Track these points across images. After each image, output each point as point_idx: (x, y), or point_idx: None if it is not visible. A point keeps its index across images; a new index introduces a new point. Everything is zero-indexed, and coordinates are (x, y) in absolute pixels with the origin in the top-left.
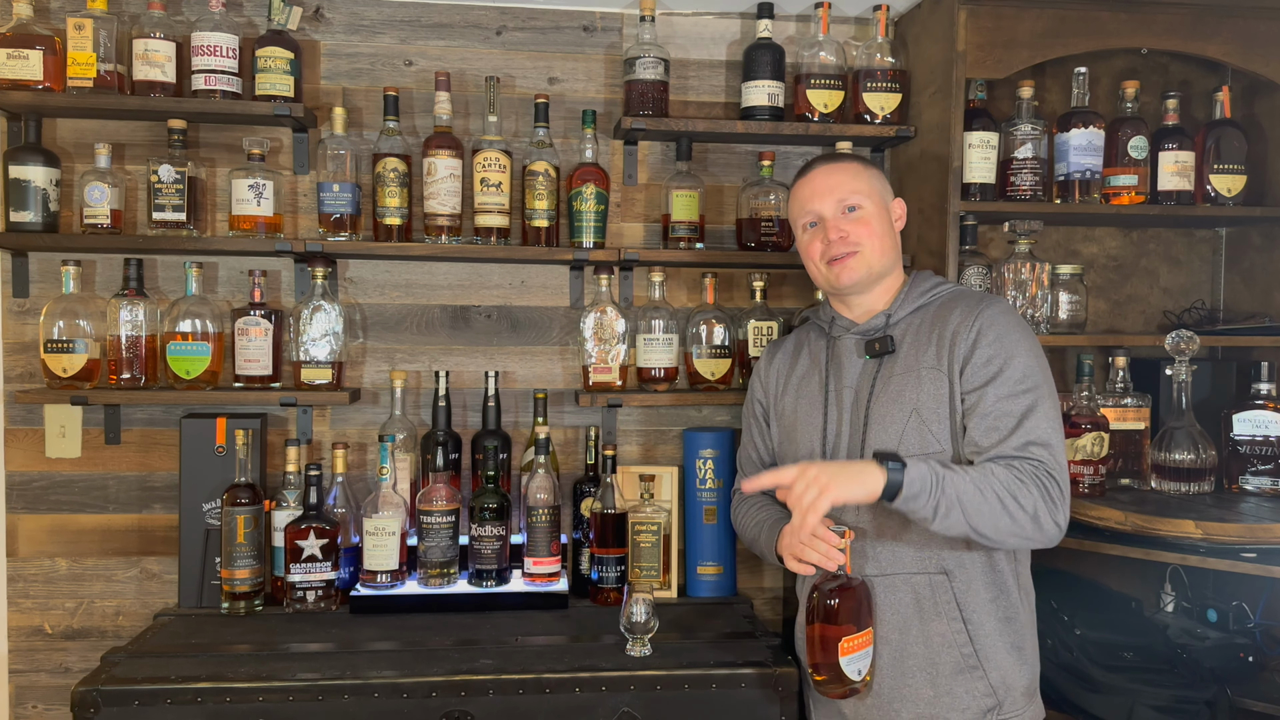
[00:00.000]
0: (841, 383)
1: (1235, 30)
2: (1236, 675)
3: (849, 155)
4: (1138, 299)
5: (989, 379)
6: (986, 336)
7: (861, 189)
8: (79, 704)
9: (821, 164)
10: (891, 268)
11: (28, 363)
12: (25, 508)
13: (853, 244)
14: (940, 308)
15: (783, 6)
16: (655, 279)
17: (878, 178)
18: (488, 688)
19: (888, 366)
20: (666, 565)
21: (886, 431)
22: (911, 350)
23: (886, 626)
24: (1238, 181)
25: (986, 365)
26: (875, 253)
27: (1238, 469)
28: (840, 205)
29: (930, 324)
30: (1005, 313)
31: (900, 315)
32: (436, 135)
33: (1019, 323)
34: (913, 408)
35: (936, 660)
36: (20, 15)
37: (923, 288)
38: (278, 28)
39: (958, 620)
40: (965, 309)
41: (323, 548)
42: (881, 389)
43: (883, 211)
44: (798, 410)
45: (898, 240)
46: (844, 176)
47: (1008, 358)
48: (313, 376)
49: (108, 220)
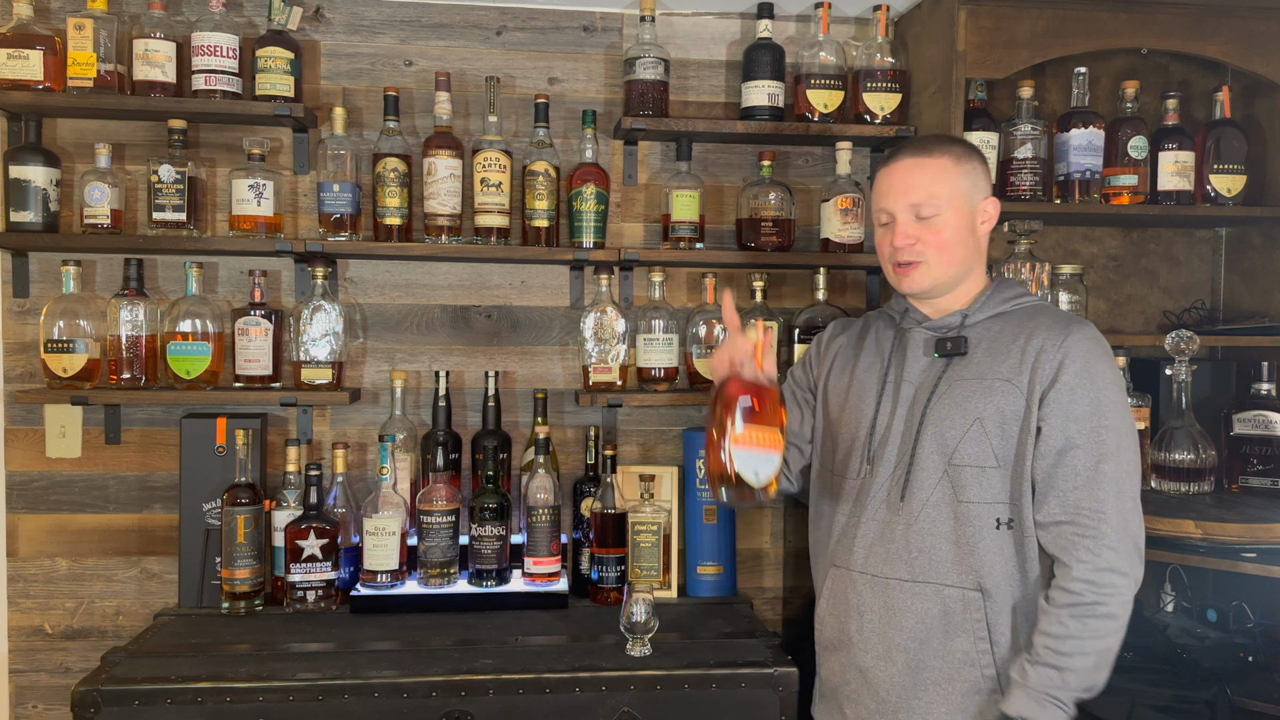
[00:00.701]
0: (902, 376)
1: (1235, 30)
2: (1236, 675)
3: (943, 145)
4: (1138, 299)
5: (1064, 417)
6: (1071, 366)
7: (940, 194)
8: (79, 704)
9: (907, 155)
10: (966, 274)
11: (28, 363)
12: (25, 508)
13: (918, 254)
14: (1025, 319)
15: (783, 6)
16: (655, 279)
17: (967, 176)
18: (488, 687)
19: (956, 368)
20: (666, 565)
21: (945, 435)
22: (986, 357)
23: (905, 634)
24: (1238, 181)
25: (1067, 401)
26: (943, 264)
27: (1238, 469)
28: (913, 209)
29: (1012, 334)
30: (1094, 340)
31: (978, 318)
32: (436, 135)
33: (1104, 355)
34: (977, 416)
35: (955, 678)
36: (20, 15)
37: (1006, 294)
38: (278, 28)
39: (985, 641)
40: (1053, 327)
41: (323, 548)
42: (945, 390)
43: (962, 217)
44: (849, 395)
45: (980, 244)
46: (924, 177)
47: (1088, 394)
48: (313, 376)
49: (108, 220)
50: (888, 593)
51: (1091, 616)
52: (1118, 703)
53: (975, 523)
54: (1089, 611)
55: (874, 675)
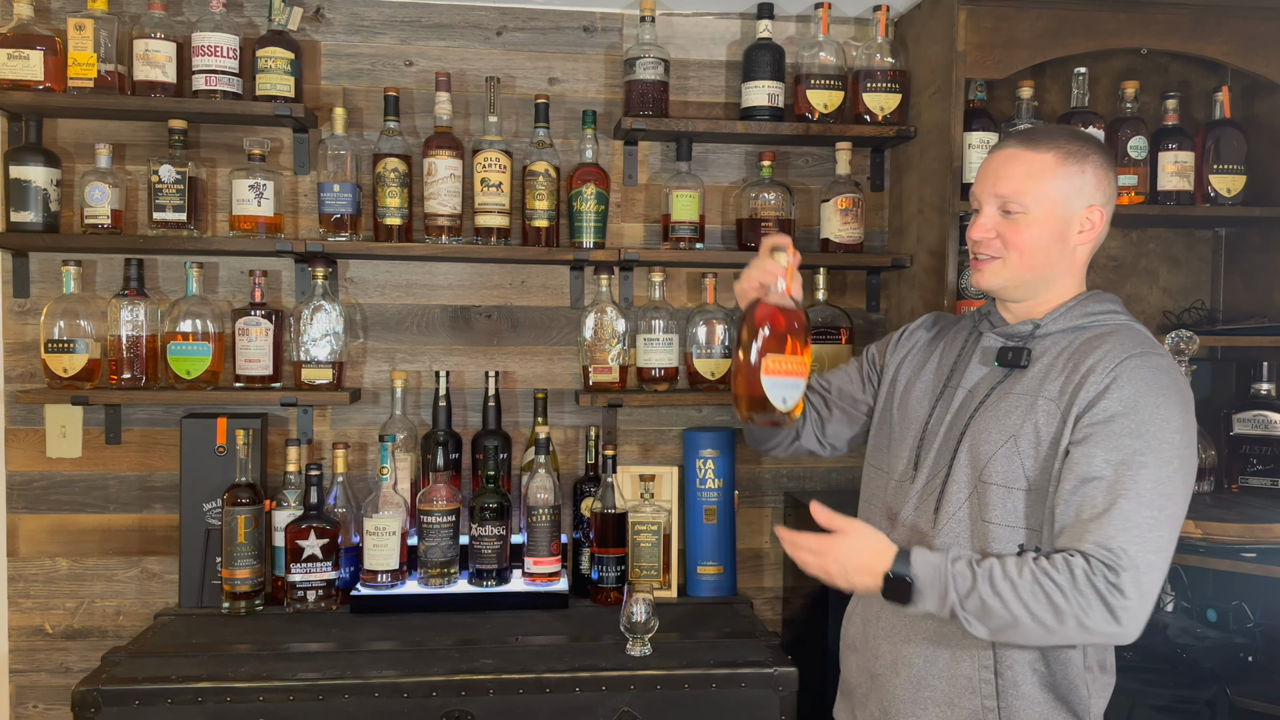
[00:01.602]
0: (960, 381)
1: (1235, 30)
2: (1236, 675)
3: (1054, 138)
4: (1138, 299)
5: (1093, 443)
6: (1117, 392)
7: (1029, 191)
8: (79, 704)
9: (1009, 145)
10: (1048, 284)
11: (28, 363)
12: (26, 508)
13: (996, 249)
14: (1097, 337)
15: (783, 6)
16: (655, 279)
17: (1070, 178)
18: (488, 687)
19: (1011, 380)
20: (666, 565)
21: (979, 450)
22: (1040, 373)
23: (913, 649)
24: (1237, 181)
25: (1102, 426)
26: (1020, 266)
27: (1238, 469)
28: (999, 201)
29: (1075, 351)
30: (1156, 370)
31: (1051, 329)
32: (437, 135)
33: (1167, 387)
34: (1011, 434)
35: (956, 702)
36: (21, 15)
37: (1091, 308)
38: (278, 28)
39: (989, 671)
40: (1118, 348)
41: (323, 548)
42: (993, 403)
43: (1050, 222)
44: (911, 391)
45: (1073, 255)
46: (1018, 170)
47: (1129, 423)
48: (313, 376)
49: (108, 220)
50: None
51: (1063, 602)
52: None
53: (995, 545)
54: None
55: (882, 682)
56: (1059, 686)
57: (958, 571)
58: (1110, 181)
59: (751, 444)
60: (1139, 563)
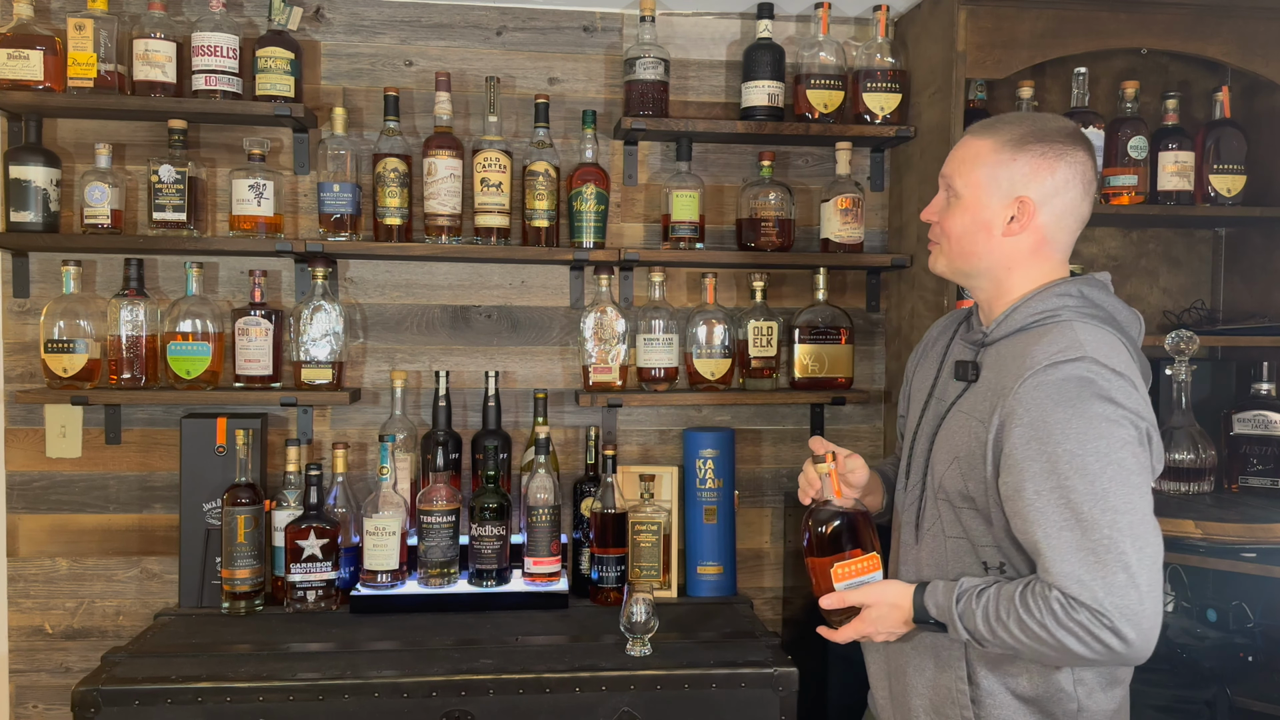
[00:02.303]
0: (938, 392)
1: (1235, 30)
2: (1236, 675)
3: (1000, 127)
4: (1138, 299)
5: (1017, 471)
6: (1016, 427)
7: (962, 176)
8: (79, 704)
9: (972, 129)
10: (992, 276)
11: (28, 363)
12: (26, 508)
13: (935, 234)
14: (1031, 342)
15: (783, 6)
16: (655, 279)
17: (1004, 165)
18: (488, 687)
19: (965, 395)
20: (666, 565)
21: (936, 468)
22: (982, 388)
23: (903, 658)
24: (1237, 181)
25: (1019, 458)
26: (951, 253)
27: (1238, 469)
28: (945, 183)
29: (1008, 362)
30: (1060, 384)
31: (997, 335)
32: (437, 135)
33: (1076, 398)
34: (955, 455)
35: (939, 711)
36: (20, 15)
37: (1035, 307)
38: (278, 28)
39: (964, 683)
40: (1026, 363)
41: (323, 548)
42: (948, 420)
43: (976, 209)
44: (910, 399)
45: (1006, 248)
46: (959, 154)
47: (1034, 454)
48: (313, 376)
49: (108, 220)
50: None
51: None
52: None
53: (962, 559)
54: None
55: (878, 689)
56: (1040, 699)
57: (963, 610)
58: (1054, 174)
59: None
60: (1107, 582)
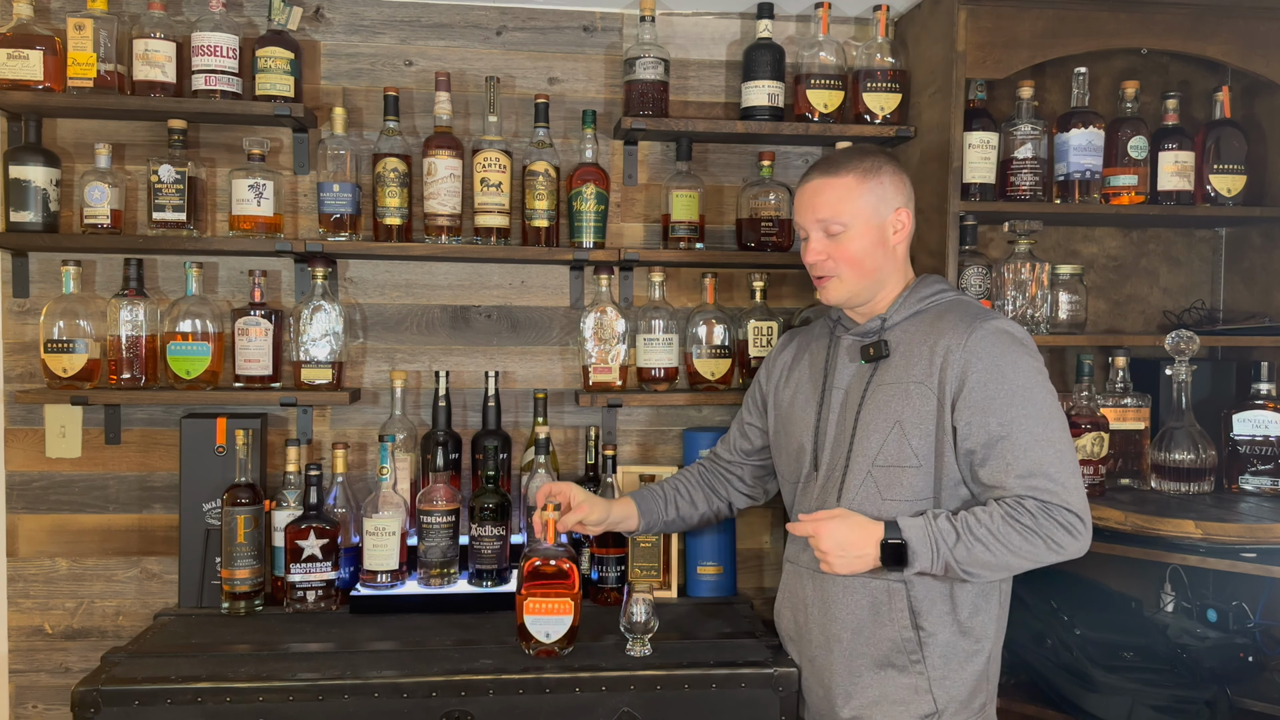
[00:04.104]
0: (834, 383)
1: (1235, 30)
2: (1236, 675)
3: (849, 161)
4: (1138, 299)
5: (983, 413)
6: (977, 365)
7: (845, 212)
8: (79, 704)
9: (814, 176)
10: (882, 284)
11: (28, 363)
12: (25, 508)
13: (830, 269)
14: (936, 318)
15: (783, 6)
16: (655, 279)
17: (872, 191)
18: (488, 688)
19: (880, 373)
20: (666, 565)
21: (869, 440)
22: (902, 361)
23: (839, 625)
24: (1238, 181)
25: (981, 400)
26: (854, 278)
27: (1238, 469)
28: (822, 226)
29: (924, 335)
30: (997, 334)
31: (896, 319)
32: (436, 135)
33: (1011, 345)
34: (896, 420)
35: (887, 662)
36: (20, 15)
37: (922, 294)
38: (278, 28)
39: (909, 629)
40: (958, 326)
41: (323, 548)
42: (870, 396)
43: (869, 232)
44: (794, 405)
45: (895, 254)
46: (830, 196)
47: (1001, 389)
48: (313, 376)
49: (108, 220)
50: (824, 586)
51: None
52: (1118, 702)
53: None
54: (1025, 512)
55: (818, 664)
56: (965, 628)
57: (941, 527)
58: (906, 184)
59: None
60: (1070, 486)
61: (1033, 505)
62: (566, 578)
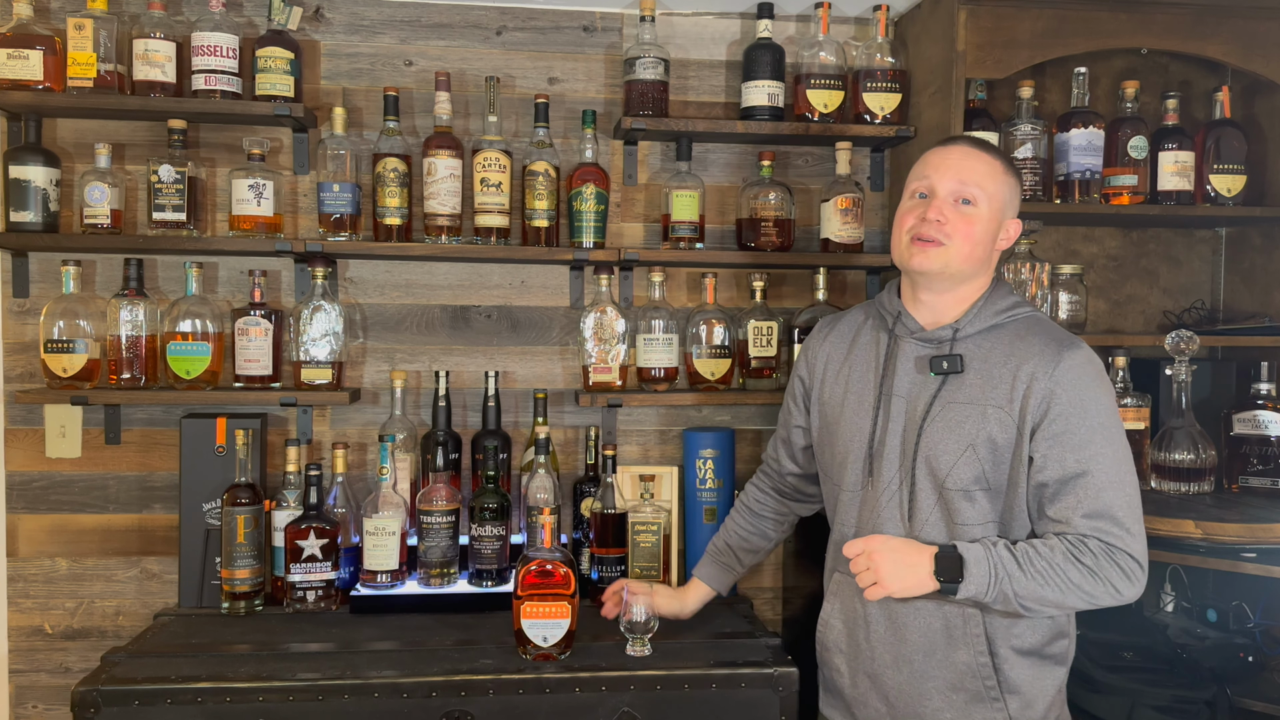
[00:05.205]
0: (893, 389)
1: (1235, 30)
2: (1236, 675)
3: (997, 150)
4: (1138, 299)
5: (1061, 447)
6: (1062, 397)
7: (988, 190)
8: (79, 704)
9: (966, 144)
10: (972, 277)
11: (28, 363)
12: (25, 508)
13: (945, 234)
14: (1016, 338)
15: (783, 6)
16: (655, 279)
17: (1010, 188)
18: (488, 687)
19: (951, 388)
20: (666, 565)
21: (939, 460)
22: (979, 379)
23: (910, 647)
24: (1238, 181)
25: (1061, 434)
26: (962, 255)
27: (1238, 469)
28: (958, 191)
29: (1005, 355)
30: (1084, 365)
31: (969, 331)
32: (436, 135)
33: (1096, 378)
34: (970, 443)
35: (959, 686)
36: (20, 15)
37: (999, 306)
38: (278, 28)
39: (985, 654)
40: (1044, 352)
41: (323, 548)
42: (940, 411)
43: (993, 221)
44: (845, 405)
45: (992, 257)
46: (980, 167)
47: (1083, 423)
48: (313, 376)
49: (108, 220)
50: (892, 606)
51: (1094, 574)
52: (1118, 703)
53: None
54: (1086, 551)
55: (883, 681)
56: (1037, 646)
57: (1001, 555)
58: (1020, 202)
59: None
60: (1135, 532)
61: (1095, 546)
62: (564, 582)
